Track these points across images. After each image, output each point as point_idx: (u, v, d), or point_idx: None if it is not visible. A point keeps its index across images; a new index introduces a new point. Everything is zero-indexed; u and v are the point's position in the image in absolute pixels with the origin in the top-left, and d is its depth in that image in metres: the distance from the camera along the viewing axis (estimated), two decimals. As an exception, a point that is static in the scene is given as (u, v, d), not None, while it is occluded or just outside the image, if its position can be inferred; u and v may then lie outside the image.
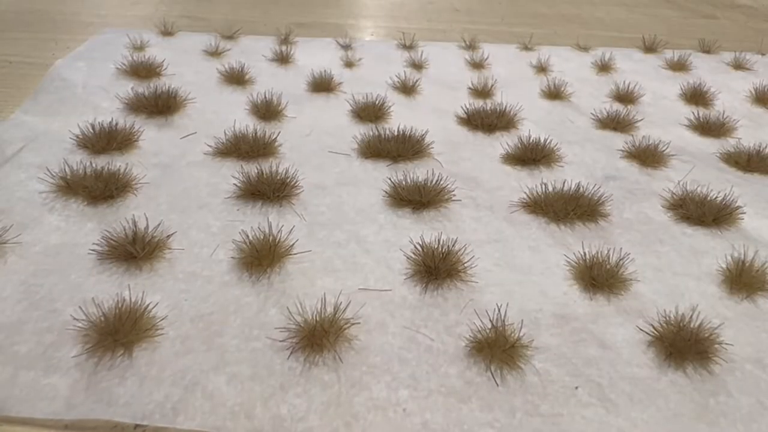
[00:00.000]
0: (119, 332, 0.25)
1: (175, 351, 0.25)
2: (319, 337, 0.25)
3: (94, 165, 0.34)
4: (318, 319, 0.26)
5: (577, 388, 0.25)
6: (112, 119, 0.39)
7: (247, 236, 0.30)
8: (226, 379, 0.24)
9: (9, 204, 0.32)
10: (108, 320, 0.25)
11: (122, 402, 0.23)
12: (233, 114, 0.42)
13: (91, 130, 0.37)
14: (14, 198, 0.32)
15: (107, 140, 0.37)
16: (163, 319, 0.26)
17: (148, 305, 0.26)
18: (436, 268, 0.29)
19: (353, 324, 0.26)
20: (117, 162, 0.36)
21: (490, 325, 0.26)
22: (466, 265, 0.30)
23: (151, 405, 0.23)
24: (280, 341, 0.25)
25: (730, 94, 0.52)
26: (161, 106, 0.41)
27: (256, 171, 0.35)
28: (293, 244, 0.30)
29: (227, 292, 0.28)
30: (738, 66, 0.58)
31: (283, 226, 0.32)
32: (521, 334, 0.26)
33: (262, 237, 0.30)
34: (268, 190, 0.34)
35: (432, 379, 0.25)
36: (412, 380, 0.25)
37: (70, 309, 0.26)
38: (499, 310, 0.27)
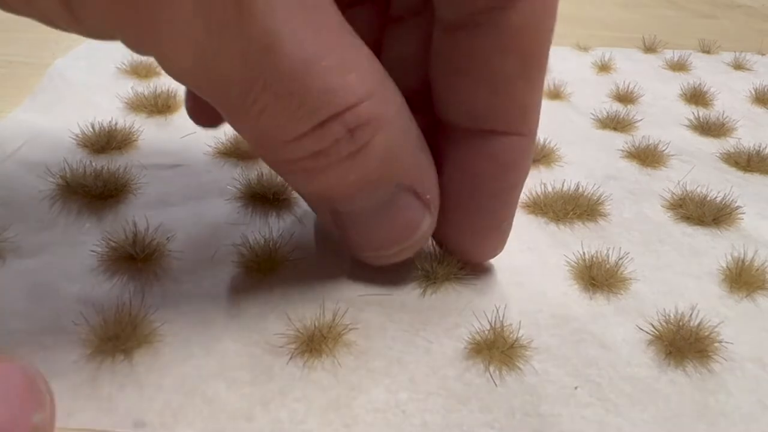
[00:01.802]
0: (119, 338, 0.24)
1: (175, 356, 0.25)
2: (318, 342, 0.25)
3: (93, 164, 0.34)
4: (317, 324, 0.25)
5: (576, 388, 0.25)
6: (112, 118, 0.39)
7: (247, 239, 0.30)
8: (225, 384, 0.24)
9: (8, 202, 0.32)
10: (108, 325, 0.25)
11: (122, 409, 0.23)
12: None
13: (91, 129, 0.37)
14: (14, 196, 0.32)
15: (107, 139, 0.37)
16: (162, 324, 0.25)
17: (148, 309, 0.26)
18: (435, 270, 0.29)
19: (352, 329, 0.26)
20: (117, 162, 0.35)
21: (488, 327, 0.26)
22: (464, 266, 0.30)
23: (151, 413, 0.22)
24: (279, 347, 0.25)
25: (730, 94, 0.52)
26: (161, 105, 0.41)
27: (256, 173, 0.35)
28: (293, 248, 0.30)
29: (226, 296, 0.28)
30: (738, 66, 0.57)
31: (283, 230, 0.32)
32: (520, 335, 0.26)
33: (262, 241, 0.29)
34: (268, 193, 0.33)
35: (431, 381, 0.25)
36: (411, 383, 0.25)
37: (70, 312, 0.26)
38: (497, 312, 0.27)
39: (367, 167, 0.23)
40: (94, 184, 0.33)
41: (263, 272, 0.29)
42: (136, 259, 0.29)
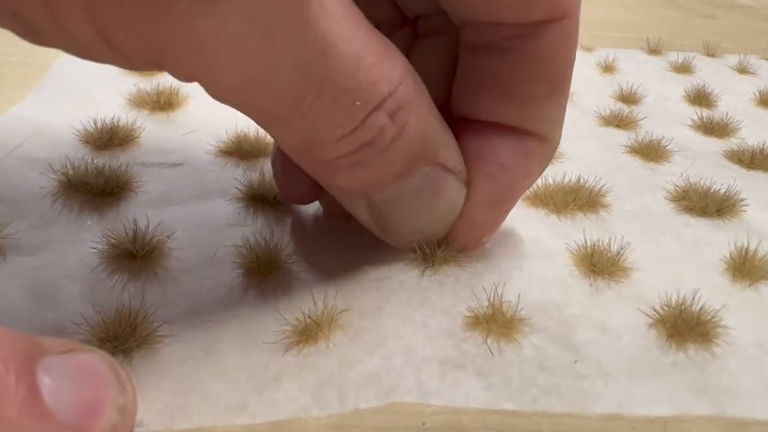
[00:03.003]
0: (118, 338, 0.24)
1: (174, 357, 0.24)
2: (312, 329, 0.25)
3: (95, 161, 0.34)
4: (312, 316, 0.25)
5: (575, 362, 0.25)
6: (114, 115, 0.39)
7: (248, 240, 0.30)
8: (224, 384, 0.24)
9: (9, 199, 0.32)
10: (107, 325, 0.25)
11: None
12: (235, 112, 0.42)
13: (93, 126, 0.38)
14: (15, 193, 0.32)
15: (109, 136, 0.37)
16: (162, 324, 0.25)
17: (147, 310, 0.26)
18: (433, 253, 0.28)
19: (346, 310, 0.26)
20: (118, 159, 0.36)
21: (487, 303, 0.26)
22: (463, 254, 0.29)
23: (150, 414, 0.22)
24: (273, 343, 0.25)
25: (734, 96, 0.52)
26: (163, 102, 0.41)
27: (257, 174, 0.35)
28: (293, 250, 0.30)
29: (226, 296, 0.27)
30: (742, 70, 0.57)
31: (283, 231, 0.32)
32: (519, 310, 0.26)
33: (262, 242, 0.29)
34: (269, 195, 0.33)
35: (427, 348, 0.25)
36: (407, 350, 0.25)
37: (70, 311, 0.26)
38: (496, 289, 0.27)
39: (407, 149, 0.24)
40: (96, 182, 0.33)
41: (263, 273, 0.29)
42: (136, 256, 0.29)
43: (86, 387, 0.19)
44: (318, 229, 0.32)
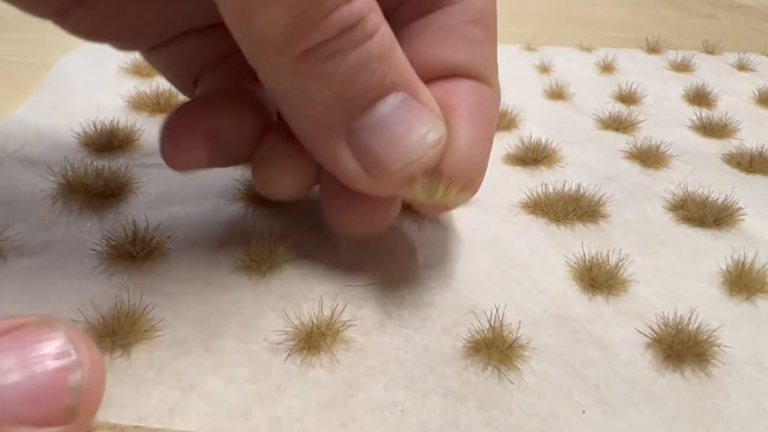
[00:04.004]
0: (117, 334, 0.24)
1: (173, 353, 0.25)
2: (316, 339, 0.25)
3: (95, 163, 0.34)
4: (315, 321, 0.26)
5: (574, 390, 0.25)
6: (114, 117, 0.39)
7: (247, 239, 0.30)
8: (223, 381, 0.24)
9: (10, 201, 0.32)
10: (106, 322, 0.25)
11: (120, 403, 0.23)
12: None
13: (93, 128, 0.37)
14: (15, 195, 0.32)
15: (108, 138, 0.37)
16: (161, 320, 0.26)
17: (146, 306, 0.26)
18: (435, 190, 0.27)
19: (350, 325, 0.26)
20: (118, 161, 0.36)
21: (488, 326, 0.26)
22: (464, 265, 0.29)
23: (148, 407, 0.23)
24: (277, 344, 0.25)
25: (734, 95, 0.52)
26: (163, 104, 0.41)
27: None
28: (292, 249, 0.30)
29: (226, 295, 0.28)
30: (742, 67, 0.57)
31: (282, 231, 0.32)
32: (519, 334, 0.26)
33: (261, 241, 0.29)
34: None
35: (429, 379, 0.25)
36: (409, 381, 0.25)
37: (70, 309, 0.26)
38: (497, 311, 0.27)
39: (382, 54, 0.24)
40: (96, 183, 0.33)
41: (263, 272, 0.29)
42: (135, 257, 0.29)
43: (30, 375, 0.19)
44: (317, 228, 0.32)
